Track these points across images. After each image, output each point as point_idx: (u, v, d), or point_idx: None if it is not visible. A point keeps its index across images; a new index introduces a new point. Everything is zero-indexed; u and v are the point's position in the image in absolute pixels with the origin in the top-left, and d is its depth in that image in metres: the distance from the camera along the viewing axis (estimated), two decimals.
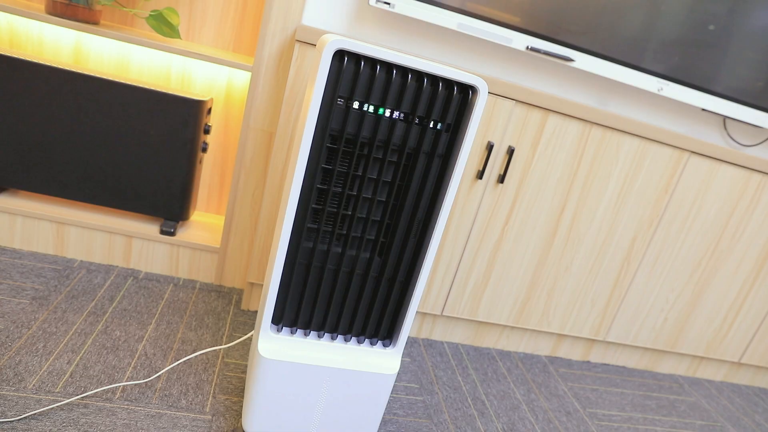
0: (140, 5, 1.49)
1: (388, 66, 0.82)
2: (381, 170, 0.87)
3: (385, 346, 1.01)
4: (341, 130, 0.84)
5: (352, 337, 1.00)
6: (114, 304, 1.36)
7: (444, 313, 1.57)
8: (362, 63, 0.80)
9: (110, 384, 1.10)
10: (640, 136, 1.45)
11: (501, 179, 1.42)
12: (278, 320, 0.95)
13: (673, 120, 1.81)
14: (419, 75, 0.83)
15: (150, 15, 1.36)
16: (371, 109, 0.84)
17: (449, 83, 0.84)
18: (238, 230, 1.54)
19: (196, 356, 1.25)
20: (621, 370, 1.76)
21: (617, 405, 1.54)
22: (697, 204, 1.56)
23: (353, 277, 0.93)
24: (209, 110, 1.52)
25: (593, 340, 1.73)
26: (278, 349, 0.95)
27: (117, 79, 1.40)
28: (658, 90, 1.63)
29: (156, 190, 1.51)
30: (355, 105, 0.83)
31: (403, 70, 0.82)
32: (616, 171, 1.48)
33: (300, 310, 0.94)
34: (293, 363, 0.94)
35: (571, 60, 1.55)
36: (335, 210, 0.89)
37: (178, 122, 1.45)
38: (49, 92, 1.39)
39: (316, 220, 0.90)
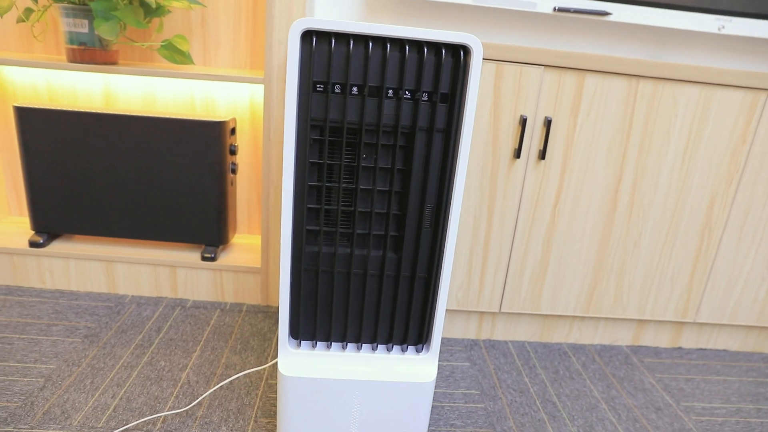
0: (153, 38, 1.51)
1: (365, 40, 0.74)
2: (376, 156, 0.79)
3: (417, 351, 0.91)
4: (324, 118, 0.77)
5: (379, 345, 0.91)
6: (161, 335, 1.36)
7: (503, 310, 1.43)
8: (333, 41, 0.73)
9: (151, 415, 1.08)
10: (701, 83, 1.25)
11: (542, 155, 1.28)
12: (296, 334, 0.89)
13: (739, 60, 1.57)
14: (401, 44, 0.74)
15: (161, 46, 1.37)
16: (355, 90, 0.75)
17: (436, 47, 0.75)
18: (276, 247, 1.51)
19: (237, 380, 1.21)
20: (721, 354, 1.53)
21: (720, 396, 1.33)
22: None
23: (367, 279, 0.85)
24: (233, 130, 1.51)
25: (682, 323, 1.51)
26: (300, 365, 0.88)
27: (139, 114, 1.42)
28: (719, 29, 1.42)
29: (192, 217, 1.52)
30: (337, 89, 0.75)
31: (382, 41, 0.74)
32: (677, 127, 1.28)
33: (316, 321, 0.87)
34: (317, 379, 0.87)
35: (607, 14, 1.38)
36: (334, 207, 0.81)
37: (202, 146, 1.45)
38: (83, 136, 1.44)
39: (319, 222, 0.83)
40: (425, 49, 0.74)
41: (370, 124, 0.77)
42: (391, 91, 0.76)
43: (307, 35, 0.73)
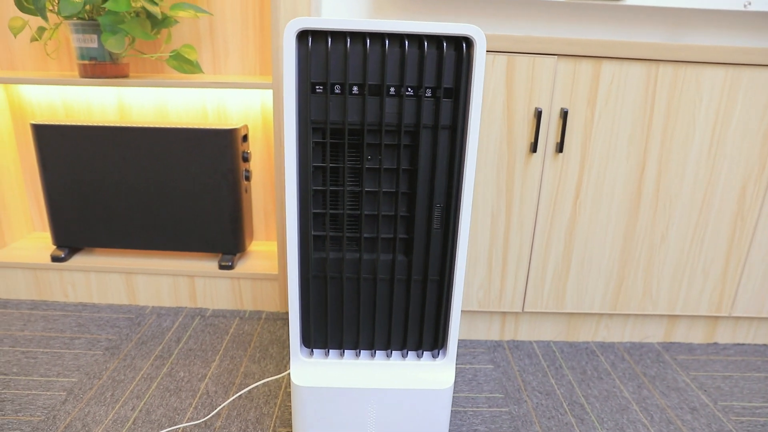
0: (161, 49, 1.52)
1: (363, 37, 0.71)
2: (380, 157, 0.76)
3: (434, 357, 0.88)
4: (325, 120, 0.74)
5: (393, 352, 0.88)
6: (180, 345, 1.36)
7: (526, 310, 1.39)
8: (330, 40, 0.70)
9: (170, 426, 1.08)
10: (727, 64, 1.19)
11: (559, 148, 1.23)
12: (309, 343, 0.87)
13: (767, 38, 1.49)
14: (401, 39, 0.71)
15: (170, 56, 1.38)
16: (355, 89, 0.73)
17: (437, 40, 0.72)
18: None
19: (256, 389, 1.20)
20: (762, 349, 1.45)
21: (761, 394, 1.26)
22: None
23: (377, 284, 0.82)
24: (245, 137, 1.50)
25: (716, 317, 1.44)
26: (313, 374, 0.86)
27: (151, 125, 1.43)
28: (745, 5, 1.35)
29: (208, 226, 1.52)
30: (337, 90, 0.73)
31: (381, 38, 0.71)
32: (702, 111, 1.22)
33: (327, 328, 0.85)
34: (331, 388, 0.85)
35: None
36: (340, 211, 0.79)
37: (214, 155, 1.44)
38: (98, 150, 1.45)
39: (325, 226, 0.80)
40: (425, 43, 0.71)
41: (373, 123, 0.75)
42: (393, 89, 0.73)
43: (304, 36, 0.71)
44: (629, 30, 1.47)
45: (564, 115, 1.20)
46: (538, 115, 1.20)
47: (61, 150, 1.46)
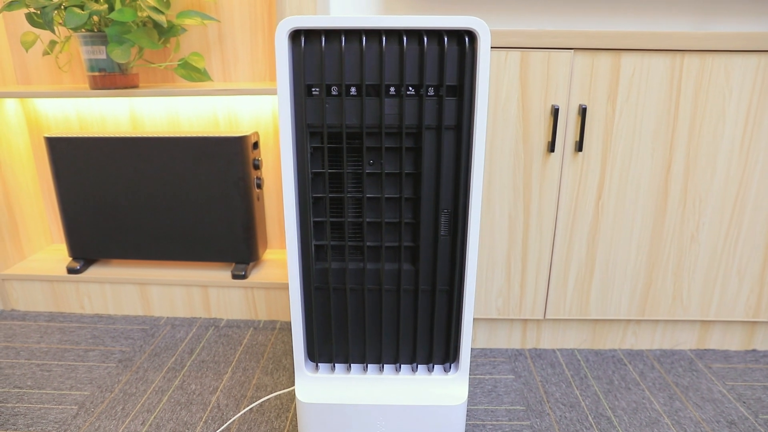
0: (170, 58, 1.51)
1: (359, 34, 0.67)
2: (381, 161, 0.72)
3: (445, 371, 0.83)
4: (323, 123, 0.71)
5: (402, 366, 0.84)
6: (193, 357, 1.34)
7: (548, 317, 1.33)
8: (324, 39, 0.67)
9: None
10: (759, 51, 1.11)
11: (578, 147, 1.17)
12: (313, 357, 0.83)
13: None
14: (399, 35, 0.67)
15: (178, 65, 1.36)
16: (353, 90, 0.69)
17: (438, 35, 0.67)
18: None
19: (268, 402, 1.17)
20: None
21: None
22: None
23: (383, 294, 0.78)
24: (255, 144, 1.48)
25: (754, 323, 1.35)
26: (318, 390, 0.82)
27: (161, 135, 1.42)
28: None
29: (220, 235, 1.50)
30: (334, 91, 0.69)
31: (378, 35, 0.67)
32: (732, 103, 1.14)
33: (332, 342, 0.81)
34: (337, 405, 0.81)
35: None
36: (341, 220, 0.75)
37: (225, 163, 1.43)
38: (110, 162, 1.45)
39: (326, 236, 0.77)
40: (425, 39, 0.66)
41: (372, 126, 0.71)
42: (392, 89, 0.69)
43: (297, 36, 0.67)
44: (650, 20, 1.40)
45: (582, 112, 1.14)
46: (555, 113, 1.15)
47: (75, 162, 1.46)
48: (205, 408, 1.15)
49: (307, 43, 0.67)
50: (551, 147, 1.17)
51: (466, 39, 0.67)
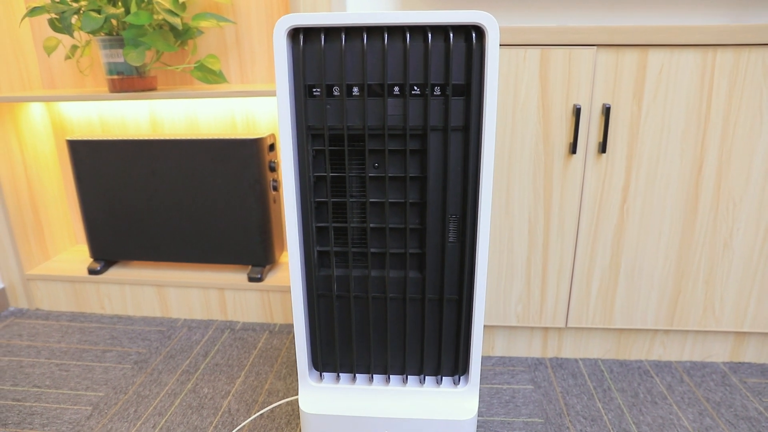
0: (188, 60, 1.51)
1: (360, 32, 0.64)
2: (385, 164, 0.69)
3: (454, 383, 0.80)
4: (324, 125, 0.68)
5: (410, 377, 0.80)
6: (207, 360, 1.34)
7: (569, 325, 1.27)
8: (323, 37, 0.64)
9: None
10: None
11: (602, 148, 1.12)
12: (318, 365, 0.80)
13: None
14: (402, 32, 0.64)
15: (194, 67, 1.36)
16: (356, 90, 0.66)
17: (443, 31, 0.64)
18: None
19: (279, 408, 1.15)
20: None
21: None
22: None
23: (388, 303, 0.75)
24: (271, 146, 1.47)
25: None
26: (323, 400, 0.80)
27: (177, 137, 1.42)
28: None
29: (237, 237, 1.50)
30: (336, 92, 0.67)
31: (381, 32, 0.64)
32: None
33: (336, 350, 0.79)
34: (342, 416, 0.78)
35: None
36: (344, 225, 0.73)
37: (240, 165, 1.42)
38: (129, 164, 1.46)
39: (329, 241, 0.74)
40: (429, 35, 0.63)
41: (376, 127, 0.68)
42: (396, 88, 0.66)
43: (296, 34, 0.65)
44: (678, 14, 1.33)
45: (606, 111, 1.09)
46: (577, 112, 1.09)
47: (95, 164, 1.48)
48: (216, 412, 1.14)
49: (306, 41, 0.65)
50: (573, 148, 1.12)
51: (473, 35, 0.63)
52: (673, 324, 1.24)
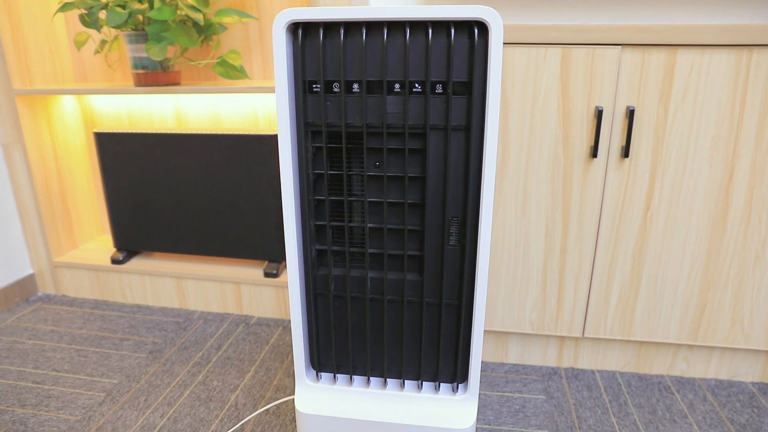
0: (211, 56, 1.53)
1: (361, 27, 0.63)
2: (384, 162, 0.67)
3: (453, 390, 0.77)
4: (323, 122, 0.67)
5: (407, 382, 0.79)
6: (219, 353, 1.35)
7: (586, 335, 1.23)
8: (323, 32, 0.63)
9: None
10: None
11: (625, 152, 1.07)
12: (315, 365, 0.80)
13: None
14: (403, 27, 0.63)
15: (216, 63, 1.38)
16: (356, 87, 0.65)
17: (446, 26, 0.62)
18: None
19: (285, 404, 1.15)
20: None
21: None
22: None
23: (385, 305, 0.73)
24: None
25: None
26: (319, 401, 0.79)
27: (199, 131, 1.44)
28: None
29: (253, 233, 1.51)
30: (336, 88, 0.66)
31: (381, 27, 0.63)
32: None
33: (332, 351, 0.78)
34: (337, 418, 0.77)
35: None
36: (342, 224, 0.71)
37: (259, 161, 1.43)
38: (152, 157, 1.49)
39: (327, 240, 0.73)
40: (431, 31, 0.61)
41: (374, 125, 0.66)
42: (397, 85, 0.65)
43: (296, 29, 0.64)
44: (710, 12, 1.26)
45: (630, 114, 1.04)
46: (599, 114, 1.05)
47: (120, 157, 1.52)
48: (223, 406, 1.15)
49: (305, 36, 0.64)
50: (594, 152, 1.08)
51: (476, 31, 0.61)
52: (697, 339, 1.18)
